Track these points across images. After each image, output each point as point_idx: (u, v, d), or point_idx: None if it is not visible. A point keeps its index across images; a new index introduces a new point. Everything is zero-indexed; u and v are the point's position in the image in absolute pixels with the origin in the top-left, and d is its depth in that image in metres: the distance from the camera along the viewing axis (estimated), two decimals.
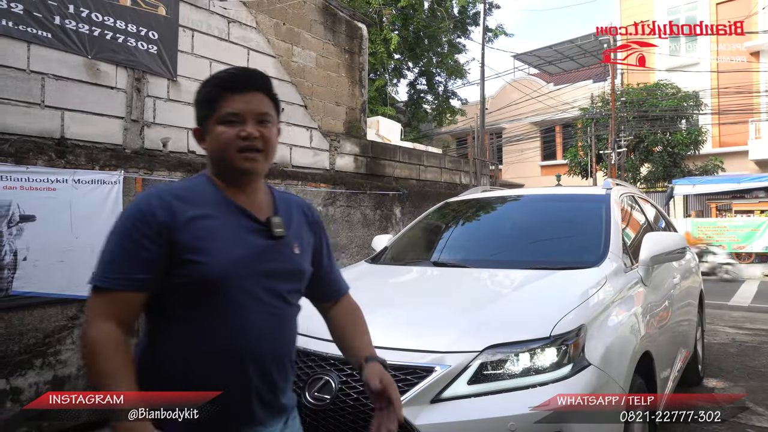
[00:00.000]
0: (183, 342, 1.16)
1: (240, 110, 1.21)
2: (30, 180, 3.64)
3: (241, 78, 1.25)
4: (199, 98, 1.26)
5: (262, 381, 1.22)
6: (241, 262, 1.19)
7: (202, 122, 1.26)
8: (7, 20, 3.66)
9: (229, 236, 1.19)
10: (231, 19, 5.18)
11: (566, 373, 1.90)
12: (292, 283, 1.29)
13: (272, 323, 1.23)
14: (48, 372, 3.65)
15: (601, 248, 2.79)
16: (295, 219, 1.36)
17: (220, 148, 1.22)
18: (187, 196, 1.20)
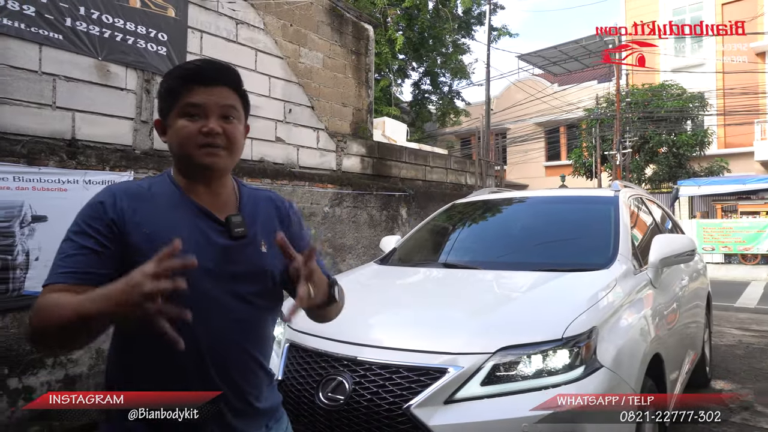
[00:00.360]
0: (142, 348, 1.09)
1: (202, 103, 1.14)
2: (42, 181, 3.67)
3: (206, 70, 1.17)
4: (162, 89, 1.19)
5: (228, 388, 1.15)
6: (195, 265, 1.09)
7: (164, 115, 1.18)
8: (19, 22, 3.69)
9: (182, 237, 1.04)
10: (239, 20, 5.21)
11: (578, 374, 1.92)
12: (256, 284, 1.20)
13: (235, 328, 1.16)
14: (59, 371, 3.68)
15: (610, 250, 2.80)
16: (263, 215, 1.26)
17: (180, 143, 1.15)
18: (142, 195, 1.15)
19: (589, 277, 2.53)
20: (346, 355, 2.07)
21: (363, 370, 2.03)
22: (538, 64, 25.58)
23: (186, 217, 1.15)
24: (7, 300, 3.47)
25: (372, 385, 1.99)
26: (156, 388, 1.10)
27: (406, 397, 1.91)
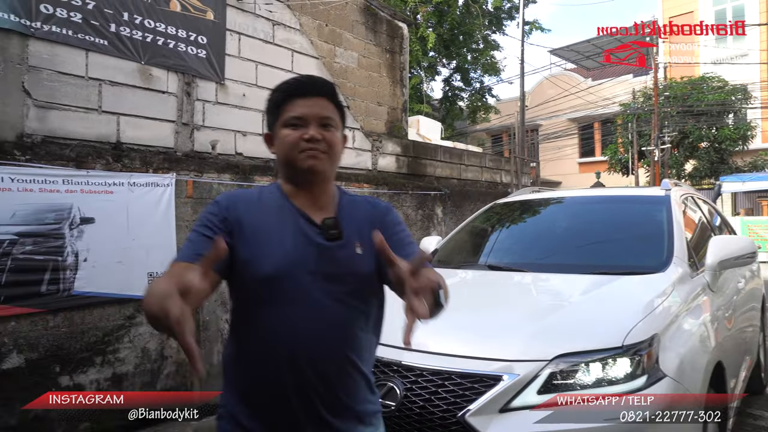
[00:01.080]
0: (242, 338, 1.24)
1: (303, 114, 1.25)
2: (89, 183, 3.76)
3: (305, 84, 1.30)
4: (269, 105, 1.32)
5: (320, 382, 1.21)
6: (293, 263, 1.21)
7: (271, 127, 1.31)
8: (67, 29, 3.78)
9: (282, 238, 1.23)
10: (276, 21, 5.23)
11: (641, 384, 1.84)
12: (349, 284, 1.25)
13: (326, 325, 1.21)
14: (107, 369, 3.77)
15: (664, 252, 2.69)
16: (359, 218, 1.32)
17: (284, 150, 1.26)
18: (251, 200, 1.28)
19: (645, 280, 2.43)
20: (396, 360, 2.04)
21: (414, 375, 1.99)
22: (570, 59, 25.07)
23: (287, 219, 1.26)
24: (58, 300, 3.56)
25: (424, 391, 1.95)
26: (252, 377, 1.22)
27: (459, 404, 1.87)
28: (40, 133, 3.66)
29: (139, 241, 3.96)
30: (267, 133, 1.33)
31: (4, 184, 3.40)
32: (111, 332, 3.81)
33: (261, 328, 1.20)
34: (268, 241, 1.21)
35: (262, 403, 1.21)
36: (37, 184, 3.54)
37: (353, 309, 1.26)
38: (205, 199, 4.47)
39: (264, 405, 1.21)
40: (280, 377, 1.19)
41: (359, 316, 1.27)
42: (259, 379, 1.21)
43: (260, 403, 1.22)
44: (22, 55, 3.59)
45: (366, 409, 1.30)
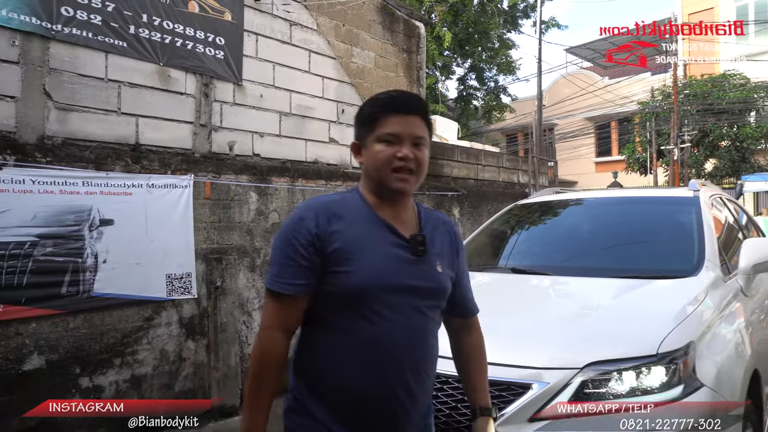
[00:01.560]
0: (330, 346, 1.27)
1: (398, 132, 1.28)
2: (108, 185, 3.76)
3: (402, 101, 1.32)
4: (362, 116, 1.34)
5: (403, 390, 1.27)
6: (383, 275, 1.26)
7: (361, 138, 1.33)
8: (87, 31, 3.79)
9: (373, 250, 1.27)
10: (293, 22, 5.21)
11: (677, 394, 1.77)
12: (432, 299, 1.34)
13: (412, 335, 1.29)
14: (126, 371, 3.77)
15: (695, 256, 2.61)
16: (439, 237, 1.40)
17: (376, 166, 1.29)
18: (338, 211, 1.28)
19: (677, 285, 2.35)
20: None
21: (439, 382, 1.94)
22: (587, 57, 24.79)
23: (377, 232, 1.30)
24: (78, 302, 3.57)
25: (450, 399, 1.90)
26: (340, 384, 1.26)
27: None
28: (61, 135, 3.68)
29: (157, 242, 3.96)
30: (355, 142, 1.36)
31: (25, 186, 3.42)
32: (130, 334, 3.81)
33: (353, 337, 1.25)
34: (360, 252, 1.25)
35: (350, 408, 1.26)
36: (57, 185, 3.55)
37: (431, 321, 1.35)
38: (222, 200, 4.46)
39: (352, 410, 1.26)
40: (371, 384, 1.25)
41: (435, 327, 1.37)
42: (352, 385, 1.25)
43: (348, 409, 1.26)
44: (43, 58, 3.61)
45: (426, 411, 1.41)
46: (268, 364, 1.24)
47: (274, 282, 1.25)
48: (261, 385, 1.23)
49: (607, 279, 2.52)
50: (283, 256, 1.25)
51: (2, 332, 3.26)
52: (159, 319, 3.97)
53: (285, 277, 1.24)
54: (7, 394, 3.25)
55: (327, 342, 1.27)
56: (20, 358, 3.32)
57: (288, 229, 1.27)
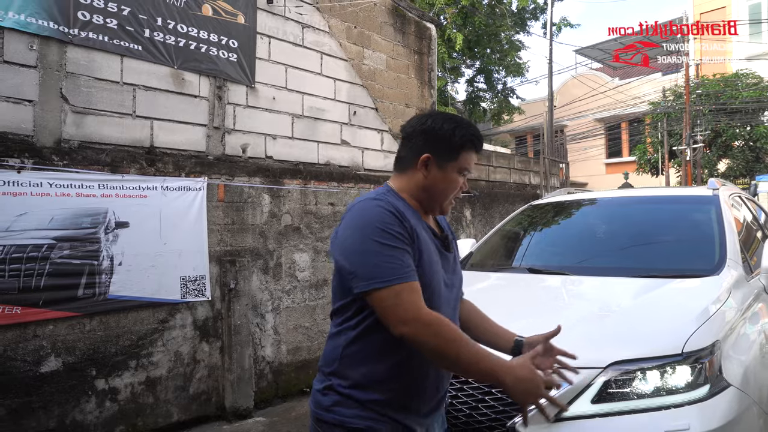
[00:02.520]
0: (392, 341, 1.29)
1: (471, 169, 1.46)
2: (124, 188, 3.79)
3: (482, 143, 1.48)
4: (448, 140, 1.40)
5: (446, 375, 1.44)
6: (437, 272, 1.38)
7: (441, 159, 1.40)
8: (103, 35, 3.82)
9: (429, 250, 1.37)
10: (305, 24, 5.22)
11: (703, 394, 1.74)
12: (459, 289, 1.53)
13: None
14: (142, 373, 3.78)
15: (716, 255, 2.57)
16: (450, 233, 1.56)
17: (445, 190, 1.43)
18: (404, 211, 1.35)
19: (700, 284, 2.32)
20: None
21: (459, 383, 1.92)
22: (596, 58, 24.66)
23: (428, 234, 1.41)
24: (94, 304, 3.59)
25: (470, 399, 1.88)
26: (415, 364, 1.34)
27: (508, 413, 1.79)
28: (77, 139, 3.71)
29: (171, 245, 3.98)
30: (429, 155, 1.40)
31: (42, 189, 3.45)
32: (145, 336, 3.82)
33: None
34: (428, 252, 1.35)
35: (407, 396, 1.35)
36: (74, 188, 3.58)
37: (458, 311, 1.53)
38: (236, 202, 4.47)
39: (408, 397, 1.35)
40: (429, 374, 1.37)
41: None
42: (413, 376, 1.35)
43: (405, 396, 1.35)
44: (61, 62, 3.64)
45: None
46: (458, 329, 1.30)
47: (398, 275, 1.24)
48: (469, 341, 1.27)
49: (626, 278, 2.49)
50: (389, 248, 1.26)
51: (20, 334, 3.29)
52: (173, 321, 3.99)
53: (405, 265, 1.26)
54: (25, 396, 3.27)
55: (387, 337, 1.28)
56: (37, 360, 3.34)
57: (380, 221, 1.28)
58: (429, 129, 1.41)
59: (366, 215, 1.30)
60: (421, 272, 1.30)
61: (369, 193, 1.42)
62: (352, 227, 1.31)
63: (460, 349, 1.24)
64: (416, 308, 1.24)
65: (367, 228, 1.28)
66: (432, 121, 1.43)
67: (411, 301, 1.24)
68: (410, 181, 1.43)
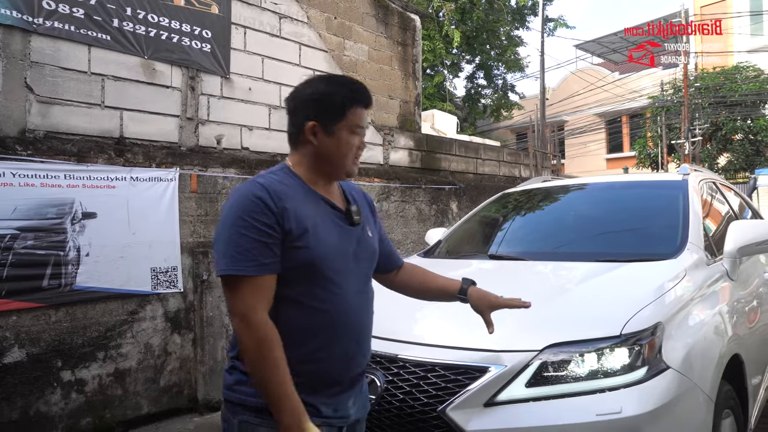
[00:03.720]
0: (291, 320, 1.29)
1: (363, 124, 1.41)
2: (91, 178, 3.75)
3: (369, 96, 1.42)
4: (332, 101, 1.35)
5: (360, 351, 1.40)
6: (335, 246, 1.34)
7: (327, 123, 1.35)
8: (69, 25, 3.78)
9: (321, 224, 1.33)
10: (282, 14, 5.17)
11: (640, 376, 1.68)
12: (371, 263, 1.48)
13: (363, 301, 1.42)
14: (110, 364, 3.75)
15: (678, 239, 2.51)
16: (362, 205, 1.52)
17: (342, 153, 1.37)
18: (283, 189, 1.30)
19: (655, 267, 2.25)
20: (380, 352, 1.92)
21: (396, 368, 1.88)
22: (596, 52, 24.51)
23: (318, 207, 1.36)
24: (60, 295, 3.55)
25: (405, 384, 1.83)
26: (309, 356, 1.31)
27: (441, 398, 1.74)
28: (43, 129, 3.68)
29: (141, 235, 3.94)
30: (314, 123, 1.34)
31: (5, 179, 3.41)
32: (113, 327, 3.79)
33: (313, 309, 1.30)
34: (315, 228, 1.30)
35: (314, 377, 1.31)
36: (38, 179, 3.54)
37: (371, 285, 1.50)
38: (209, 193, 4.43)
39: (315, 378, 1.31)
40: (335, 351, 1.33)
41: (373, 291, 1.49)
42: (316, 355, 1.31)
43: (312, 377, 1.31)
44: (25, 51, 3.61)
45: None
46: (276, 347, 1.23)
47: (245, 266, 1.23)
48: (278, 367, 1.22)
49: (582, 263, 2.43)
50: (247, 239, 1.23)
51: None
52: (144, 312, 3.95)
53: (255, 258, 1.23)
54: None
55: (287, 316, 1.29)
56: (1, 351, 3.31)
57: (244, 209, 1.25)
58: (308, 96, 1.37)
59: (234, 201, 1.28)
60: (306, 250, 1.27)
61: (262, 172, 1.39)
62: (224, 211, 1.30)
63: (270, 368, 1.21)
64: (248, 307, 1.23)
65: (230, 216, 1.26)
66: (309, 88, 1.38)
67: (247, 296, 1.23)
68: (303, 154, 1.38)
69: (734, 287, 2.49)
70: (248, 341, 1.22)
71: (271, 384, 1.21)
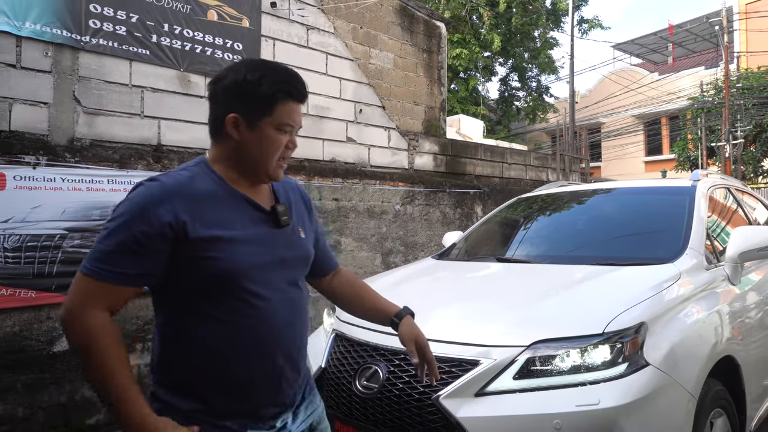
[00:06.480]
0: (213, 337, 1.17)
1: (295, 122, 1.23)
2: (131, 183, 4.06)
3: (302, 89, 1.23)
4: (254, 93, 1.18)
5: (289, 365, 1.25)
6: (255, 254, 1.18)
7: (250, 116, 1.19)
8: (112, 41, 4.11)
9: (238, 229, 1.18)
10: (310, 26, 5.41)
11: (620, 372, 1.79)
12: (302, 268, 1.32)
13: (292, 310, 1.26)
14: (147, 356, 4.04)
15: (679, 243, 2.58)
16: (295, 203, 1.36)
17: (266, 152, 1.21)
18: (194, 192, 1.16)
19: (651, 270, 2.34)
20: (383, 344, 2.10)
21: (398, 360, 2.04)
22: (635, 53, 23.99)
23: (239, 209, 1.21)
24: None
25: (405, 375, 1.99)
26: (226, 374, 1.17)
27: (436, 387, 1.89)
28: (89, 137, 4.01)
29: None
30: (235, 116, 1.19)
31: (56, 183, 3.75)
32: (150, 321, 4.08)
33: (233, 324, 1.16)
34: (225, 234, 1.15)
35: (237, 397, 1.18)
36: (84, 183, 3.87)
37: (303, 290, 1.33)
38: None
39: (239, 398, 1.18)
40: (258, 368, 1.19)
41: (307, 297, 1.35)
42: (239, 373, 1.18)
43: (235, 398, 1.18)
44: (73, 67, 3.95)
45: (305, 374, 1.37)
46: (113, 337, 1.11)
47: (101, 270, 1.11)
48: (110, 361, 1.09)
49: (582, 266, 2.53)
50: (117, 243, 1.10)
51: (35, 316, 3.59)
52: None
53: (116, 265, 1.10)
54: (39, 372, 3.57)
55: (202, 334, 1.16)
56: (50, 340, 3.64)
57: (132, 215, 1.11)
58: (230, 84, 1.20)
59: (128, 197, 1.16)
60: (217, 261, 1.13)
61: (174, 168, 1.27)
62: (117, 204, 1.18)
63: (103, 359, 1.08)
64: (85, 303, 1.10)
65: (117, 211, 1.15)
66: (233, 74, 1.21)
67: (89, 296, 1.11)
68: (222, 149, 1.23)
69: (734, 292, 2.55)
70: (75, 334, 1.11)
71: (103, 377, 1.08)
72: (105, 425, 3.77)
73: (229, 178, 1.23)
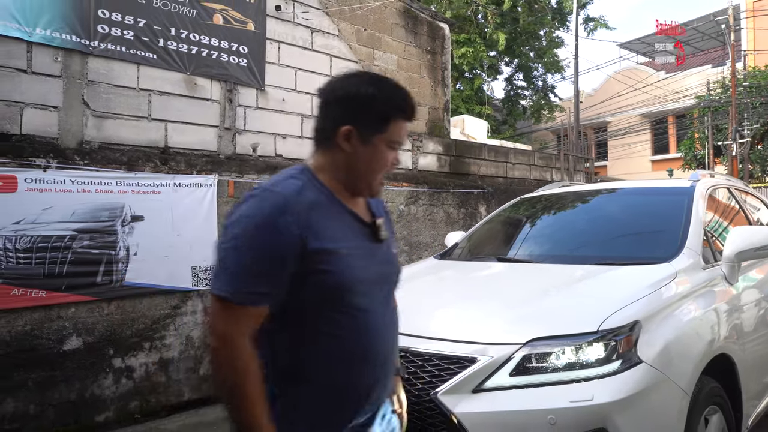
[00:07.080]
0: (318, 352, 1.15)
1: (403, 141, 1.25)
2: (139, 185, 4.14)
3: (414, 108, 1.25)
4: (372, 106, 1.19)
5: (389, 371, 1.28)
6: (361, 267, 1.18)
7: (365, 131, 1.18)
8: (120, 46, 4.19)
9: (347, 243, 1.17)
10: (314, 29, 5.47)
11: (614, 369, 1.84)
12: (395, 282, 1.32)
13: (392, 323, 1.28)
14: (155, 354, 4.12)
15: (677, 243, 2.62)
16: (384, 218, 1.35)
17: (373, 167, 1.21)
18: (306, 201, 1.14)
19: (647, 270, 2.38)
20: None
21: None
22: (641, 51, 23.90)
23: (347, 222, 1.21)
24: (111, 290, 3.95)
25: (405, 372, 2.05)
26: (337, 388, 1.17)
27: (434, 384, 1.95)
28: (98, 140, 4.09)
29: (183, 237, 4.30)
30: (350, 128, 1.17)
31: (65, 185, 3.83)
32: (158, 320, 4.16)
33: (340, 337, 1.15)
34: (341, 248, 1.15)
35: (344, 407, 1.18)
36: (93, 185, 3.95)
37: (395, 303, 1.34)
38: None
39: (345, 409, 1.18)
40: (365, 380, 1.19)
41: (397, 310, 1.35)
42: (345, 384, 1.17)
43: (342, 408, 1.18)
44: (82, 71, 4.03)
45: None
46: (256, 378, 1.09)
47: (238, 292, 1.07)
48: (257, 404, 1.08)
49: (582, 266, 2.58)
50: (248, 260, 1.08)
51: (45, 315, 3.67)
52: (185, 307, 4.32)
53: (256, 286, 1.08)
54: (49, 370, 3.65)
55: (307, 348, 1.16)
56: (61, 338, 3.72)
57: (257, 227, 1.09)
58: (347, 95, 1.19)
59: (250, 211, 1.11)
60: (331, 275, 1.12)
61: (278, 176, 1.21)
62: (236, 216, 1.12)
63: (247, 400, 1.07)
64: (235, 333, 1.08)
65: (241, 226, 1.10)
66: (350, 85, 1.20)
67: (234, 321, 1.08)
68: (330, 159, 1.21)
69: (731, 291, 2.58)
70: (226, 366, 1.07)
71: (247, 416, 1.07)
72: (114, 422, 3.85)
73: (334, 188, 1.21)
